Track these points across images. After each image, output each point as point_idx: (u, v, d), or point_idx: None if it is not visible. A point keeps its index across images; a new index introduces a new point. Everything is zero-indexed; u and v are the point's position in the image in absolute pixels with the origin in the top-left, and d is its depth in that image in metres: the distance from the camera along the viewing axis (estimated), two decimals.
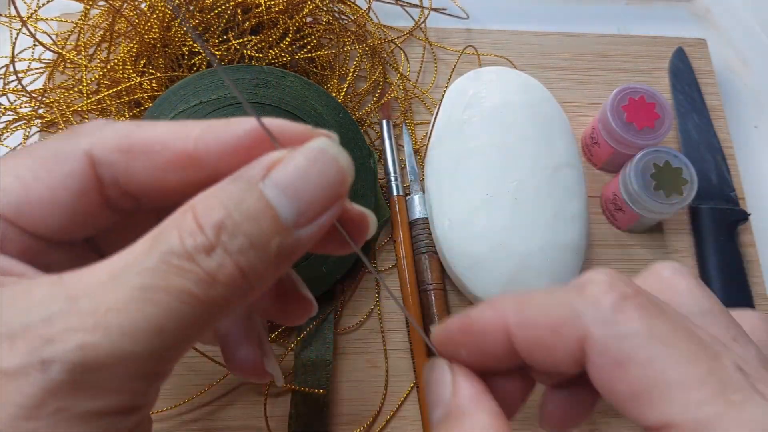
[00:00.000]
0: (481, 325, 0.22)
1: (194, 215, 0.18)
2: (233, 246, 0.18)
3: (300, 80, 0.43)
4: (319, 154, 0.19)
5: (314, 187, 0.19)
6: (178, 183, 0.21)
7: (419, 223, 0.46)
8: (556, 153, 0.45)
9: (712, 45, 0.57)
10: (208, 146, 0.21)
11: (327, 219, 0.19)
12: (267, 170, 0.19)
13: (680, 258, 0.49)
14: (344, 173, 0.20)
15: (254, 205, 0.18)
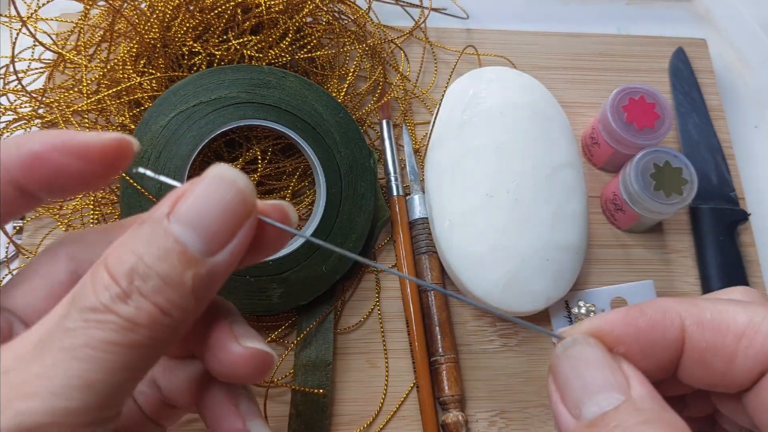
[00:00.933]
0: (652, 321, 0.20)
1: (106, 267, 0.18)
2: (148, 288, 0.18)
3: (300, 80, 0.43)
4: (216, 180, 0.20)
5: (217, 214, 0.19)
6: None
7: (419, 223, 0.46)
8: (556, 153, 0.45)
9: (712, 45, 0.57)
10: None
11: (240, 240, 0.20)
12: (172, 206, 0.19)
13: (680, 258, 0.49)
14: (244, 194, 0.20)
15: (162, 244, 0.19)
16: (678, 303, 0.21)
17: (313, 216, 0.43)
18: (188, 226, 0.19)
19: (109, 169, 0.21)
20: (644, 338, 0.21)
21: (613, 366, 0.20)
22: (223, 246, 0.20)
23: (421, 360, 0.43)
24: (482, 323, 0.45)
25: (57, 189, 0.21)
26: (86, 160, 0.21)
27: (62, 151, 0.21)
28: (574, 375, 0.20)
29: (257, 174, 0.44)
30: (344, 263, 0.43)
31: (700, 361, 0.20)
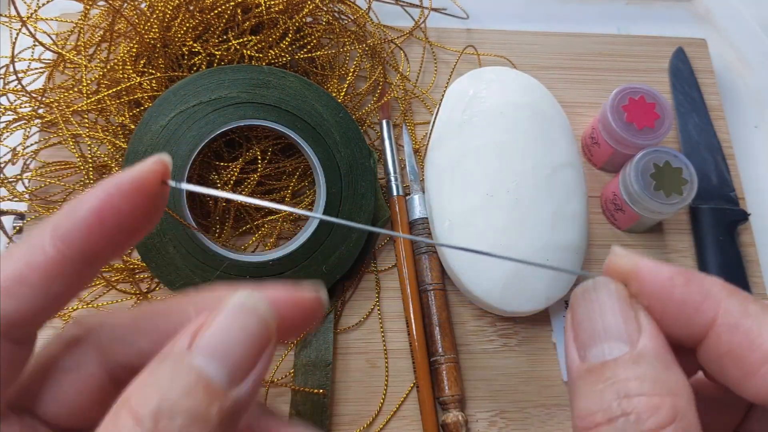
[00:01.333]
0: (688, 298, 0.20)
1: (129, 409, 0.18)
2: (174, 427, 0.18)
3: (300, 80, 0.43)
4: (238, 309, 0.19)
5: (239, 344, 0.19)
6: None
7: (419, 223, 0.46)
8: (556, 153, 0.45)
9: (712, 45, 0.57)
10: None
11: (262, 368, 0.20)
12: (192, 338, 0.19)
13: (680, 258, 0.49)
14: (266, 322, 0.20)
15: (186, 379, 0.18)
16: (726, 294, 0.20)
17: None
18: (211, 357, 0.19)
19: (159, 196, 0.21)
20: (671, 309, 0.20)
21: (628, 315, 0.20)
22: (246, 376, 0.19)
23: (421, 360, 0.43)
24: (482, 323, 0.45)
25: (124, 239, 0.21)
26: (142, 194, 0.20)
27: (121, 196, 0.20)
28: (587, 317, 0.20)
29: (257, 174, 0.44)
30: (344, 263, 0.43)
31: (717, 360, 0.20)
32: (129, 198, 0.20)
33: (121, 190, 0.20)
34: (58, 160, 0.46)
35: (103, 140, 0.43)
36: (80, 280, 0.21)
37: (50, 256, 0.19)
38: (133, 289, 0.43)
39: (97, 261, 0.21)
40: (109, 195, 0.20)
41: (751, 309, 0.20)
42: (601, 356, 0.19)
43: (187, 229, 0.40)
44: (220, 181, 0.44)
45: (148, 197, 0.20)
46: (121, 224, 0.20)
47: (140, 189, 0.20)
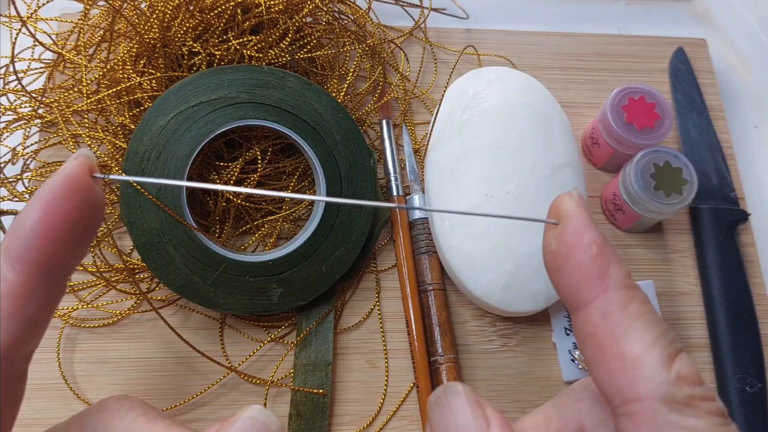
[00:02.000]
0: (590, 263, 0.22)
1: None
2: None
3: (300, 80, 0.43)
4: (251, 422, 0.20)
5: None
6: None
7: (419, 223, 0.46)
8: (556, 153, 0.45)
9: (712, 45, 0.57)
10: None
11: None
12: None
13: (680, 258, 0.49)
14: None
15: None
16: (620, 284, 0.22)
17: (313, 216, 0.43)
18: None
19: (93, 189, 0.21)
20: (570, 267, 0.22)
21: (476, 412, 0.22)
22: None
23: (421, 360, 0.43)
24: (482, 323, 0.45)
25: (77, 240, 0.21)
26: (76, 191, 0.20)
27: (58, 198, 0.20)
28: (442, 421, 0.22)
29: (257, 174, 0.44)
30: (344, 263, 0.43)
31: (581, 335, 0.22)
32: (66, 198, 0.20)
33: (56, 193, 0.20)
34: (58, 160, 0.46)
35: (103, 140, 0.43)
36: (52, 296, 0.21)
37: (14, 281, 0.19)
38: (133, 289, 0.43)
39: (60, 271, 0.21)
40: (47, 202, 0.20)
41: (632, 308, 0.21)
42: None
43: (187, 229, 0.40)
44: (220, 181, 0.44)
45: (83, 193, 0.21)
46: (67, 226, 0.20)
47: (73, 187, 0.20)
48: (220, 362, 0.40)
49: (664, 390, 0.19)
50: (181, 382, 0.41)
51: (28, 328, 0.20)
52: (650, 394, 0.19)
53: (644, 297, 0.21)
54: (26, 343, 0.20)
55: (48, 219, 0.20)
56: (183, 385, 0.41)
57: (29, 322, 0.20)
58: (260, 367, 0.43)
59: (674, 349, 0.20)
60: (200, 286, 0.40)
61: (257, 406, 0.21)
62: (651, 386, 0.19)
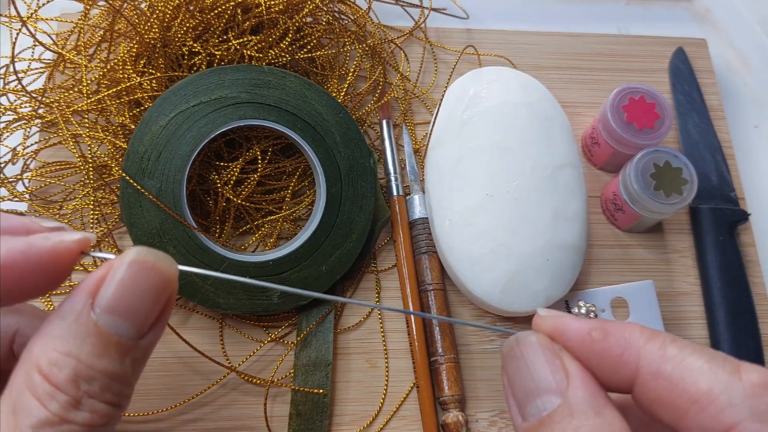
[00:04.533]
0: (608, 351, 0.20)
1: (42, 374, 0.17)
2: (95, 389, 0.18)
3: (300, 80, 0.43)
4: (138, 266, 0.19)
5: (143, 300, 0.19)
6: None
7: (419, 223, 0.46)
8: (556, 153, 0.45)
9: (712, 45, 0.57)
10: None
11: (165, 317, 0.20)
12: (92, 296, 0.18)
13: (680, 258, 0.49)
14: (166, 275, 0.19)
15: (95, 340, 0.18)
16: (645, 341, 0.20)
17: (313, 216, 0.43)
18: (118, 316, 0.18)
19: (66, 271, 0.20)
20: (596, 362, 0.21)
21: (554, 366, 0.20)
22: (152, 327, 0.19)
23: (421, 360, 0.43)
24: (482, 323, 0.45)
25: (11, 299, 0.20)
26: (50, 270, 0.19)
27: (23, 266, 0.19)
28: (518, 375, 0.21)
29: (257, 174, 0.44)
30: (344, 263, 0.43)
31: (649, 404, 0.20)
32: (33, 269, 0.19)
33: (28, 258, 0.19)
34: (58, 160, 0.46)
35: (103, 140, 0.43)
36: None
37: None
38: None
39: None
40: (12, 261, 0.19)
41: (669, 352, 0.20)
42: (537, 413, 0.20)
43: (187, 229, 0.40)
44: (221, 181, 0.44)
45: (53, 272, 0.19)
46: (18, 286, 0.19)
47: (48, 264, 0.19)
48: (220, 362, 0.40)
49: (748, 407, 0.19)
50: (181, 382, 0.41)
51: None
52: (739, 417, 0.19)
53: (669, 336, 0.21)
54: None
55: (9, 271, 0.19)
56: (183, 385, 0.41)
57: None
58: (260, 367, 0.43)
59: (731, 362, 0.20)
60: (200, 286, 0.40)
61: (141, 247, 0.19)
62: (736, 411, 0.19)
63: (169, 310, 0.20)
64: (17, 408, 0.17)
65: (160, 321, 0.20)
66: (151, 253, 0.19)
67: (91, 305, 0.18)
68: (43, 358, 0.18)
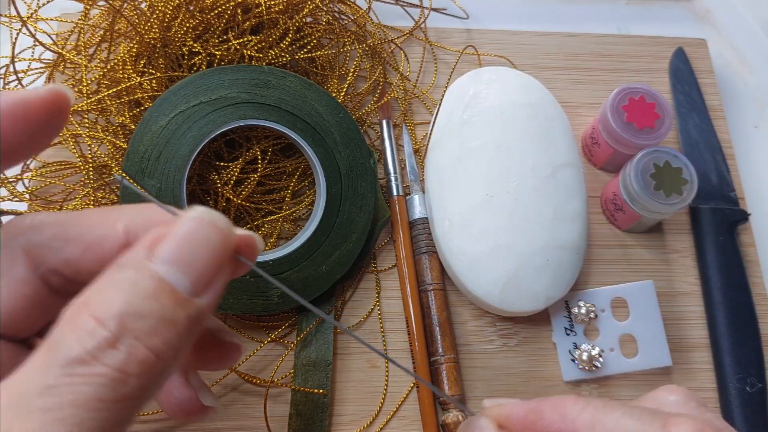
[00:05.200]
0: (546, 426, 0.22)
1: (90, 312, 0.17)
2: (142, 327, 0.17)
3: (300, 80, 0.43)
4: (198, 222, 0.19)
5: (202, 255, 0.19)
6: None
7: (419, 223, 0.46)
8: (556, 153, 0.45)
9: (712, 45, 0.57)
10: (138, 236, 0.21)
11: (222, 281, 0.20)
12: (150, 249, 0.19)
13: (680, 258, 0.49)
14: (226, 235, 0.20)
15: (149, 284, 0.18)
16: (579, 412, 0.22)
17: (313, 216, 0.43)
18: (174, 266, 0.18)
19: (51, 126, 0.21)
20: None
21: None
22: (207, 287, 0.19)
23: (421, 360, 0.43)
24: (482, 323, 0.45)
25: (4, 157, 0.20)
26: (29, 119, 0.20)
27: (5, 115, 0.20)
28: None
29: (257, 174, 0.44)
30: (344, 263, 0.43)
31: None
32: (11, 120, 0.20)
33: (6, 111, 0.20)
34: (58, 160, 0.46)
35: (103, 140, 0.43)
36: None
37: None
38: None
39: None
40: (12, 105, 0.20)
41: (601, 418, 0.22)
42: None
43: None
44: (220, 181, 0.44)
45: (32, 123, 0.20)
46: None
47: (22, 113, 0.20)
48: None
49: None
50: None
51: None
52: None
53: (600, 401, 0.22)
54: None
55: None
56: None
57: None
58: (260, 367, 0.43)
59: (659, 419, 0.21)
60: None
61: (201, 206, 0.20)
62: None
63: (224, 276, 0.20)
64: (53, 344, 0.17)
65: (215, 283, 0.19)
66: (210, 212, 0.20)
67: (149, 256, 0.19)
68: (94, 299, 0.17)
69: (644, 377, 0.45)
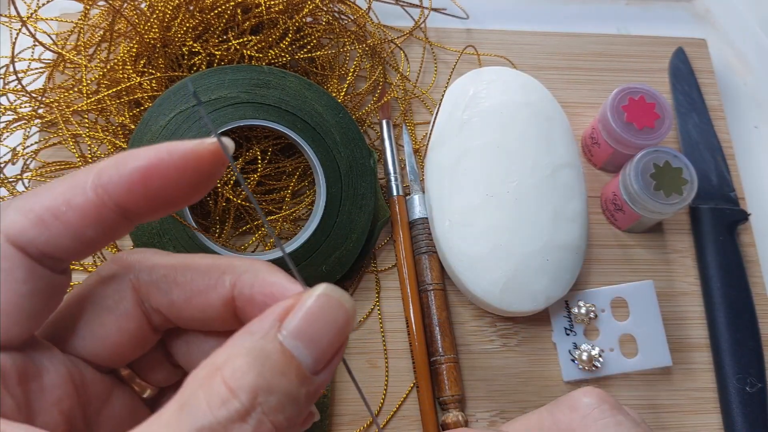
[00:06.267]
0: None
1: (223, 379, 0.17)
2: (271, 403, 0.17)
3: (300, 80, 0.43)
4: (326, 299, 0.20)
5: (327, 333, 0.19)
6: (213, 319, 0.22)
7: (419, 223, 0.46)
8: (556, 153, 0.45)
9: (712, 45, 0.57)
10: (243, 304, 0.22)
11: (338, 360, 0.20)
12: (280, 321, 0.19)
13: (680, 258, 0.49)
14: (350, 316, 0.20)
15: (279, 359, 0.18)
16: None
17: (313, 216, 0.43)
18: (300, 341, 0.19)
19: (212, 175, 0.20)
20: None
21: None
22: (326, 365, 0.19)
23: (421, 360, 0.43)
24: (482, 323, 0.45)
25: (164, 205, 0.20)
26: (194, 169, 0.20)
27: (170, 164, 0.19)
28: None
29: (257, 174, 0.44)
30: (344, 263, 0.43)
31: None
32: (179, 169, 0.20)
33: (173, 158, 0.19)
34: (58, 160, 0.46)
35: (103, 140, 0.43)
36: (113, 232, 0.20)
37: (89, 199, 0.19)
38: None
39: (134, 218, 0.20)
40: (159, 160, 0.19)
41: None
42: None
43: (187, 229, 0.40)
44: (220, 180, 0.44)
45: (199, 174, 0.20)
46: (164, 191, 0.20)
47: (193, 164, 0.20)
48: None
49: None
50: None
51: (76, 245, 0.20)
52: None
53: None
54: (68, 254, 0.20)
55: (149, 174, 0.19)
56: None
57: (81, 242, 0.20)
58: None
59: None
60: None
61: (329, 284, 0.20)
62: None
63: (341, 353, 0.20)
64: (185, 406, 0.17)
65: (332, 362, 0.20)
66: (337, 291, 0.20)
67: (278, 327, 0.19)
68: (228, 364, 0.18)
69: (644, 377, 0.45)
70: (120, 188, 0.19)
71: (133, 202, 0.20)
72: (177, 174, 0.20)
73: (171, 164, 0.19)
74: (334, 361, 0.20)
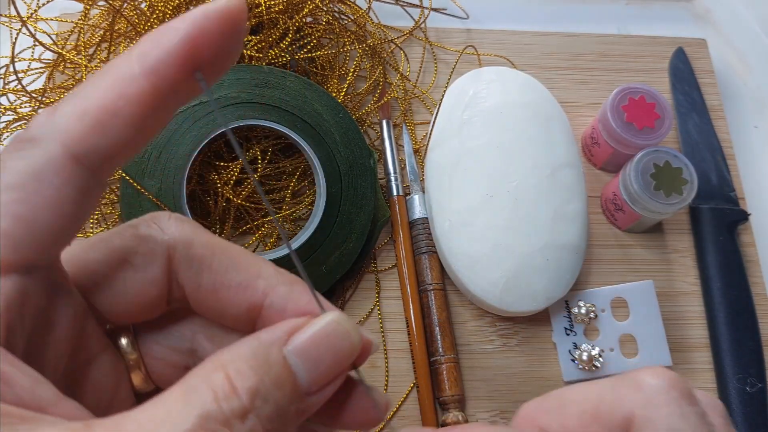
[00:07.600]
0: None
1: (227, 376, 0.18)
2: (264, 411, 0.18)
3: (300, 80, 0.43)
4: (335, 326, 0.20)
5: (328, 359, 0.20)
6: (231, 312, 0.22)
7: (419, 223, 0.46)
8: (556, 153, 0.45)
9: (712, 45, 0.57)
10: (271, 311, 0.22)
11: (332, 389, 0.20)
12: (288, 335, 0.19)
13: (680, 258, 0.49)
14: (355, 348, 0.20)
15: (280, 371, 0.19)
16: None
17: (313, 216, 0.43)
18: (303, 359, 0.19)
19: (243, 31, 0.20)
20: None
21: None
22: (322, 389, 0.20)
23: (421, 360, 0.43)
24: (482, 323, 0.45)
25: (211, 74, 0.19)
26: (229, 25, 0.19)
27: (210, 23, 0.18)
28: None
29: (257, 174, 0.44)
30: (344, 263, 0.43)
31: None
32: (218, 26, 0.19)
33: (209, 18, 0.19)
34: None
35: None
36: (166, 116, 0.19)
37: (144, 88, 0.18)
38: None
39: (183, 96, 0.19)
40: (201, 21, 0.18)
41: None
42: None
43: None
44: (220, 181, 0.44)
45: (240, 27, 0.19)
46: (210, 56, 0.19)
47: (227, 19, 0.19)
48: None
49: None
50: None
51: (136, 139, 0.19)
52: None
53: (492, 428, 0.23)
54: (127, 150, 0.19)
55: (196, 39, 0.18)
56: None
57: (140, 134, 0.19)
58: None
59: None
60: None
61: (341, 313, 0.21)
62: None
63: (338, 381, 0.20)
64: (189, 393, 0.17)
65: (327, 388, 0.20)
66: (349, 323, 0.20)
67: (285, 341, 0.19)
68: (232, 364, 0.18)
69: None
70: (170, 67, 0.18)
71: (184, 78, 0.19)
72: (220, 35, 0.19)
73: (211, 24, 0.19)
74: (329, 388, 0.20)
